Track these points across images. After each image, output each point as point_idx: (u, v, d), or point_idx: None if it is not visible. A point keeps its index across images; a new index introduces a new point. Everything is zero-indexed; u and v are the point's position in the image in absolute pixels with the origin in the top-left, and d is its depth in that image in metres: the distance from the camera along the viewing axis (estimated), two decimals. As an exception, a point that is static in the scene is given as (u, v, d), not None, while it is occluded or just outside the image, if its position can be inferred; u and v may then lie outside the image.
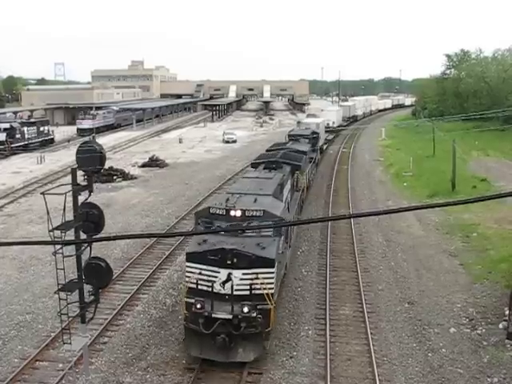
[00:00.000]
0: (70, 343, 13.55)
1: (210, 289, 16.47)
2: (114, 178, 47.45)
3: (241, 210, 17.87)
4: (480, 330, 19.51)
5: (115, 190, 43.43)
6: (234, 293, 16.29)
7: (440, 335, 19.30)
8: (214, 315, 16.21)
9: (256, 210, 18.11)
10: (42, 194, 12.58)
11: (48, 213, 11.62)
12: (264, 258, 16.76)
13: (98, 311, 15.00)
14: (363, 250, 28.29)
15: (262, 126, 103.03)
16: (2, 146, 62.85)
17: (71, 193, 12.88)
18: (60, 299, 12.79)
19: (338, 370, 17.11)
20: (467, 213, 33.43)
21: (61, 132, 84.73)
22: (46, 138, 73.48)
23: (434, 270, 25.57)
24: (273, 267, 16.96)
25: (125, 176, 48.52)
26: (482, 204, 31.74)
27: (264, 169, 27.38)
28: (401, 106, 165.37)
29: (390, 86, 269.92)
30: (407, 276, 24.94)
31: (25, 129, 67.92)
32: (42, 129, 72.68)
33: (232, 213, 17.82)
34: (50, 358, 17.82)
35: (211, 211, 18.40)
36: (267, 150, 37.88)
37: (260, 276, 16.63)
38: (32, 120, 76.94)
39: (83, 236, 13.36)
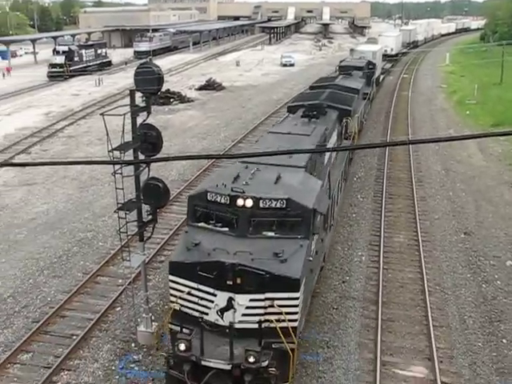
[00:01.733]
0: (129, 260, 13.98)
1: (202, 316, 11.46)
2: (171, 100, 47.78)
3: (252, 198, 12.10)
4: (538, 264, 19.12)
5: (172, 113, 43.79)
6: (237, 326, 11.20)
7: (496, 267, 19.00)
8: (204, 362, 11.05)
9: (275, 200, 12.19)
10: (102, 115, 12.67)
11: (107, 133, 11.73)
12: (284, 278, 11.31)
13: (156, 231, 15.34)
14: (421, 179, 27.78)
15: (320, 50, 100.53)
16: (61, 69, 63.84)
17: (129, 114, 12.93)
18: (119, 218, 13.12)
19: (390, 296, 17.19)
20: (533, 143, 32.16)
21: (118, 55, 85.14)
22: (104, 61, 74.12)
23: (494, 201, 24.94)
24: (297, 291, 11.48)
25: (181, 99, 48.76)
26: (549, 134, 30.35)
27: (302, 117, 20.68)
28: (466, 30, 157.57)
29: (458, 8, 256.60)
30: (465, 206, 24.44)
31: (83, 51, 68.66)
32: (99, 51, 73.25)
33: (239, 202, 12.16)
34: (110, 274, 18.63)
35: (209, 198, 12.68)
36: (311, 88, 31.37)
37: (277, 303, 11.33)
38: (90, 43, 77.58)
39: (141, 157, 13.53)
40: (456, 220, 22.98)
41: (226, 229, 12.45)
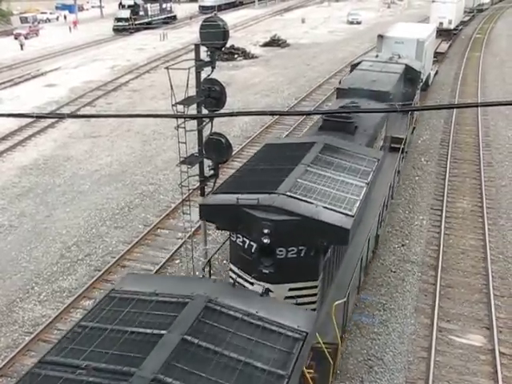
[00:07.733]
0: (190, 214, 14.16)
1: None
2: (235, 56, 47.59)
3: None
4: None
5: (236, 69, 43.63)
6: None
7: None
8: None
9: None
10: (166, 68, 12.68)
11: (172, 87, 11.75)
12: None
13: (216, 186, 15.41)
14: (489, 144, 26.79)
15: (389, 7, 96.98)
16: (126, 23, 64.34)
17: (194, 69, 12.89)
18: (181, 171, 13.25)
19: (450, 262, 16.85)
20: None
21: (183, 9, 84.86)
22: (169, 16, 74.17)
23: None
24: None
25: (246, 55, 48.51)
26: None
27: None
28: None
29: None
30: (535, 174, 23.46)
31: (148, 6, 68.87)
32: (164, 6, 73.28)
33: None
34: (170, 227, 18.99)
35: None
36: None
37: None
38: (155, -3, 77.53)
39: (205, 112, 13.53)
40: (524, 188, 22.14)
41: None
